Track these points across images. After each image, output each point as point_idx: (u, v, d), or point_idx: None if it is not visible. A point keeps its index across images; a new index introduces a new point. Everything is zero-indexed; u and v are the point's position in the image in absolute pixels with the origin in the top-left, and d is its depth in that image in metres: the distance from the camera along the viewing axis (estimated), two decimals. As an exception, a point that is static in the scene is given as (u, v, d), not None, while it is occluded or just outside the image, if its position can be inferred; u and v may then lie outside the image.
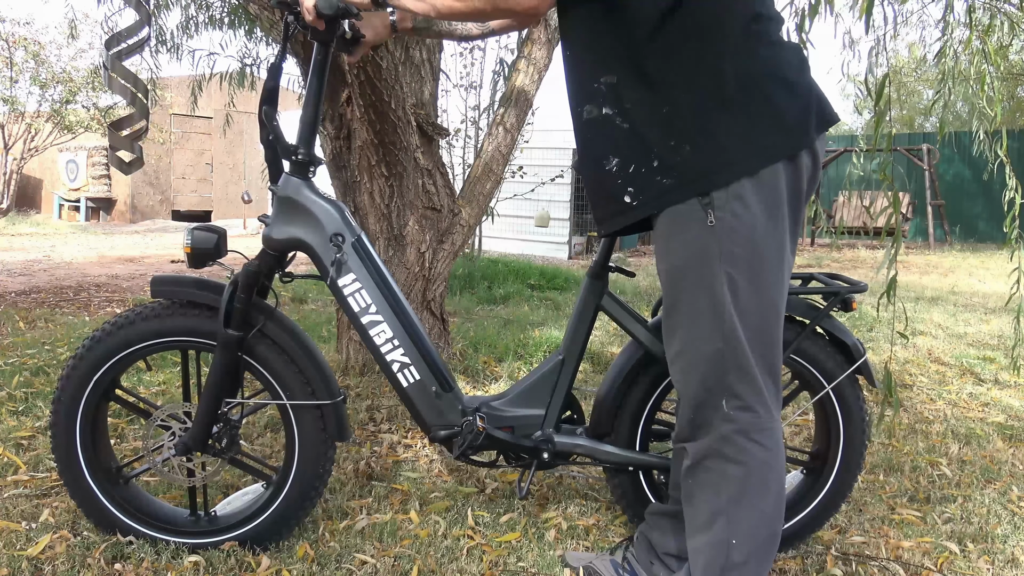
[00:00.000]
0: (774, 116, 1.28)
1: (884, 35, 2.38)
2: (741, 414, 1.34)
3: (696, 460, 1.40)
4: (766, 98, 1.27)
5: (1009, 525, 2.07)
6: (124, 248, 9.78)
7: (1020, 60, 12.76)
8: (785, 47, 1.32)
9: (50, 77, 12.54)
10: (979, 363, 3.91)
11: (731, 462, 1.35)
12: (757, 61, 1.28)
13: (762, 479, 1.35)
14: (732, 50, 1.26)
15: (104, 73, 2.09)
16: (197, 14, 5.25)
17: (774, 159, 1.27)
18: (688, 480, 1.42)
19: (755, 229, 1.28)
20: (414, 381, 1.72)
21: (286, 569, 1.73)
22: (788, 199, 1.30)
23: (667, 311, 1.38)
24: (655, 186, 1.30)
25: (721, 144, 1.27)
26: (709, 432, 1.36)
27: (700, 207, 1.27)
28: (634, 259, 9.49)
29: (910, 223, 12.65)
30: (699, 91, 1.27)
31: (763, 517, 1.37)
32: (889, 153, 2.31)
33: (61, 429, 1.74)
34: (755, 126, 1.27)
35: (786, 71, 1.30)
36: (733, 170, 1.26)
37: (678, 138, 1.28)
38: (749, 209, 1.26)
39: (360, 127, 2.74)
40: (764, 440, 1.35)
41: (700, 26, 1.26)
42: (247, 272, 1.69)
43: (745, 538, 1.36)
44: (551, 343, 3.85)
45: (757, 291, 1.30)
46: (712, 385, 1.34)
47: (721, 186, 1.26)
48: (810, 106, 1.31)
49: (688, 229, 1.29)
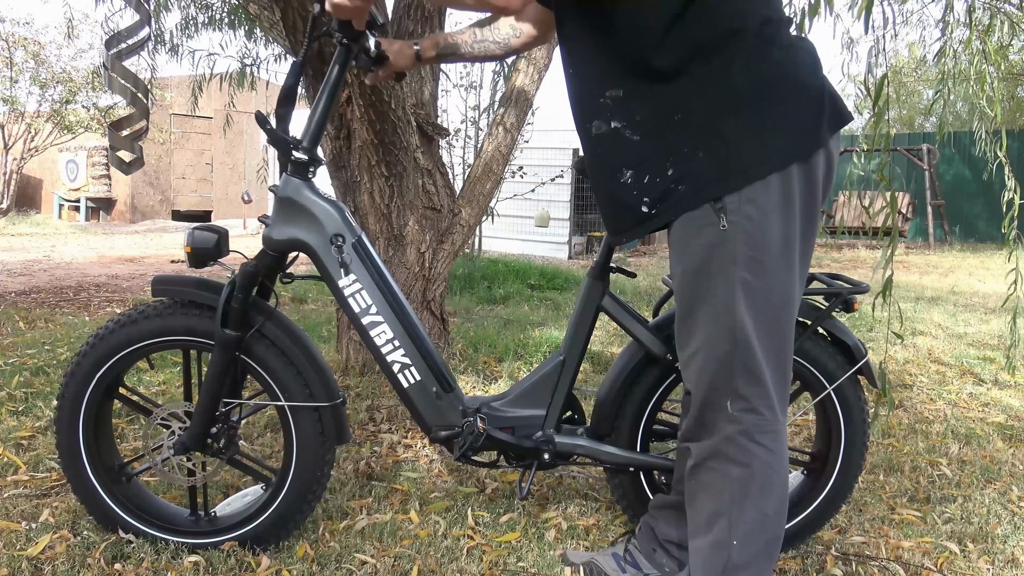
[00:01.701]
0: (786, 119, 1.27)
1: (883, 35, 2.38)
2: (746, 416, 1.34)
3: (699, 460, 1.40)
4: (778, 101, 1.27)
5: (1009, 525, 2.07)
6: (124, 248, 9.78)
7: (1020, 60, 12.75)
8: (796, 48, 1.31)
9: (50, 77, 12.55)
10: (979, 363, 3.91)
11: (734, 463, 1.35)
12: (769, 65, 1.27)
13: (765, 481, 1.35)
14: (743, 56, 1.26)
15: (104, 73, 2.09)
16: (197, 14, 5.25)
17: (786, 163, 1.27)
18: (691, 481, 1.42)
19: (768, 232, 1.28)
20: (414, 382, 1.72)
21: (286, 569, 1.73)
22: (802, 201, 1.30)
23: (681, 314, 1.38)
24: (671, 194, 1.31)
25: (734, 149, 1.27)
26: (713, 433, 1.37)
27: (713, 212, 1.27)
28: (634, 259, 9.49)
29: (910, 223, 12.65)
30: (711, 98, 1.27)
31: (765, 519, 1.37)
32: (887, 154, 2.31)
33: (65, 425, 1.75)
34: (767, 130, 1.27)
35: (798, 73, 1.29)
36: (746, 175, 1.26)
37: (691, 145, 1.28)
38: (762, 212, 1.27)
39: (360, 127, 2.74)
40: (768, 442, 1.35)
41: (709, 33, 1.26)
42: (245, 272, 1.68)
43: (746, 540, 1.36)
44: (551, 343, 3.85)
45: (769, 294, 1.31)
46: (719, 386, 1.34)
47: (734, 190, 1.26)
48: (823, 106, 1.30)
49: (701, 234, 1.29)
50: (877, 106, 2.23)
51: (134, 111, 2.21)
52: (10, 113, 12.80)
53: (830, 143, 1.32)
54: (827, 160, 1.32)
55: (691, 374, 1.39)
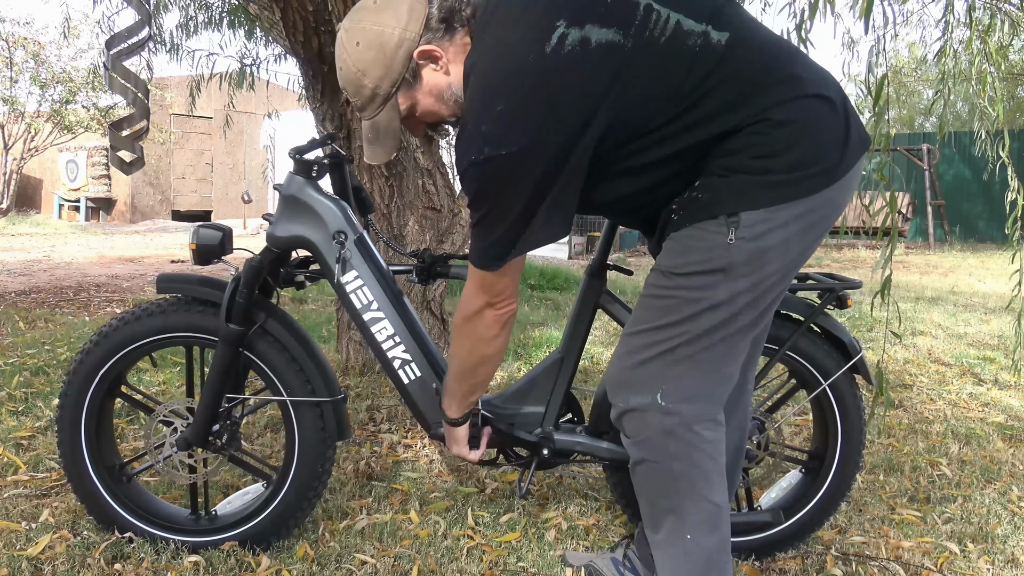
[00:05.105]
0: (808, 157, 1.28)
1: (884, 35, 2.38)
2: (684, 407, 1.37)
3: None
4: (802, 141, 1.28)
5: (1009, 525, 2.07)
6: (124, 248, 9.78)
7: (1021, 60, 12.76)
8: (821, 98, 1.31)
9: (50, 77, 12.56)
10: (979, 363, 3.91)
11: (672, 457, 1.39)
12: (797, 112, 1.28)
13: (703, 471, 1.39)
14: (773, 106, 1.27)
15: (104, 73, 2.10)
16: (196, 14, 5.25)
17: (806, 193, 1.29)
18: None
19: (768, 255, 1.30)
20: (415, 378, 1.72)
21: (286, 569, 1.73)
22: (811, 225, 1.32)
23: (648, 301, 1.40)
24: (693, 203, 1.33)
25: (758, 174, 1.28)
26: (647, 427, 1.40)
27: (725, 224, 1.29)
28: (634, 259, 9.50)
29: (910, 223, 12.65)
30: (743, 146, 1.29)
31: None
32: (887, 154, 2.31)
33: (67, 423, 1.76)
34: (792, 164, 1.28)
35: (820, 119, 1.30)
36: (773, 196, 1.28)
37: (719, 172, 1.30)
38: (770, 235, 1.29)
39: (360, 127, 2.74)
40: (704, 430, 1.38)
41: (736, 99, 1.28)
42: (250, 268, 1.70)
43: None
44: (551, 343, 3.85)
45: (750, 313, 1.35)
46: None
47: (750, 208, 1.28)
48: (848, 136, 1.32)
49: (706, 238, 1.31)
50: (877, 106, 2.23)
51: (134, 111, 2.21)
52: (10, 113, 12.81)
53: (851, 171, 1.33)
54: (846, 188, 1.34)
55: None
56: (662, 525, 1.43)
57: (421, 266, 1.83)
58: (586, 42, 1.22)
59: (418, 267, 1.83)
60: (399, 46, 1.35)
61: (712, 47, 1.26)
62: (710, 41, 1.26)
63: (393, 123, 1.44)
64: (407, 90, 1.40)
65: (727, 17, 1.29)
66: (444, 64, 1.37)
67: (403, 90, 1.40)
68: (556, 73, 1.23)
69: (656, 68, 1.26)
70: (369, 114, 1.43)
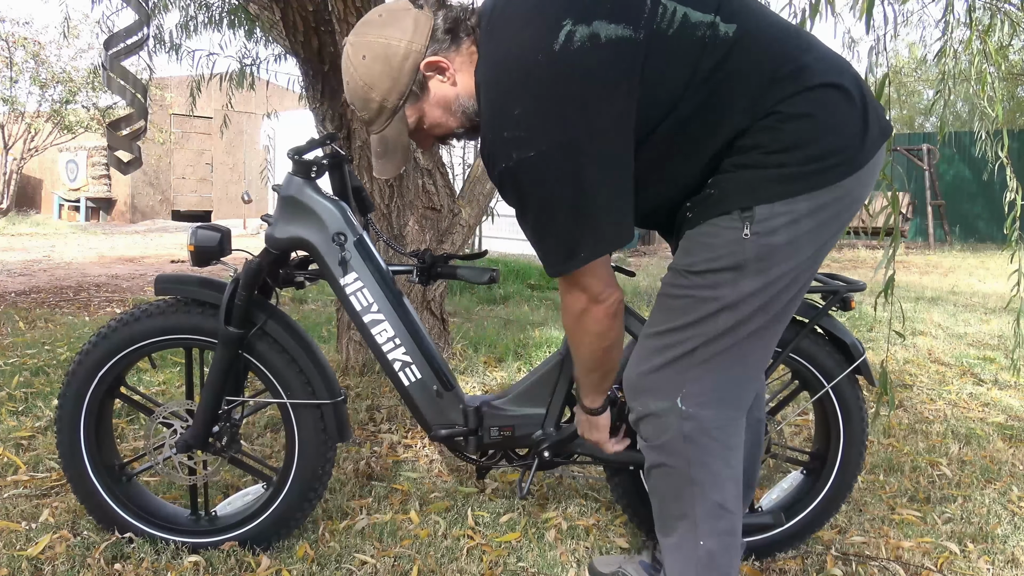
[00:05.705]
0: (823, 149, 1.26)
1: (884, 35, 2.38)
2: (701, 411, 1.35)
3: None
4: (816, 133, 1.26)
5: (1009, 525, 2.07)
6: (124, 248, 9.77)
7: (1020, 60, 12.75)
8: (833, 87, 1.29)
9: (50, 77, 12.55)
10: (979, 363, 3.91)
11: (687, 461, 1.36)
12: (809, 103, 1.26)
13: (713, 473, 1.37)
14: (785, 98, 1.26)
15: (103, 73, 2.10)
16: (196, 14, 5.25)
17: (822, 185, 1.27)
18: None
19: (784, 251, 1.28)
20: (415, 380, 1.72)
21: (286, 569, 1.73)
22: (828, 219, 1.30)
23: (664, 301, 1.38)
24: (706, 199, 1.32)
25: (771, 168, 1.27)
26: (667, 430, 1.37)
27: (739, 219, 1.27)
28: (634, 259, 9.49)
29: (910, 223, 12.64)
30: (755, 142, 1.28)
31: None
32: (888, 153, 2.31)
33: (66, 424, 1.75)
34: (805, 157, 1.26)
35: (834, 109, 1.28)
36: (787, 189, 1.26)
37: (732, 168, 1.29)
38: (785, 229, 1.27)
39: (360, 127, 2.74)
40: (723, 436, 1.36)
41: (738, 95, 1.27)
42: (249, 270, 1.69)
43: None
44: (551, 343, 3.85)
45: (768, 312, 1.32)
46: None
47: (764, 202, 1.26)
48: (867, 126, 1.29)
49: (721, 234, 1.29)
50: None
51: (132, 111, 2.21)
52: (10, 113, 12.80)
53: (870, 161, 1.30)
54: (866, 177, 1.31)
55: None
56: (674, 530, 1.40)
57: (421, 266, 1.82)
58: (595, 37, 1.22)
59: (418, 267, 1.82)
60: (405, 58, 1.34)
61: (721, 38, 1.25)
62: (718, 32, 1.25)
63: (402, 136, 1.42)
64: (415, 102, 1.38)
65: (735, 8, 1.28)
66: (451, 75, 1.36)
67: (411, 102, 1.38)
68: (569, 67, 1.22)
69: (667, 60, 1.25)
70: (377, 128, 1.41)
